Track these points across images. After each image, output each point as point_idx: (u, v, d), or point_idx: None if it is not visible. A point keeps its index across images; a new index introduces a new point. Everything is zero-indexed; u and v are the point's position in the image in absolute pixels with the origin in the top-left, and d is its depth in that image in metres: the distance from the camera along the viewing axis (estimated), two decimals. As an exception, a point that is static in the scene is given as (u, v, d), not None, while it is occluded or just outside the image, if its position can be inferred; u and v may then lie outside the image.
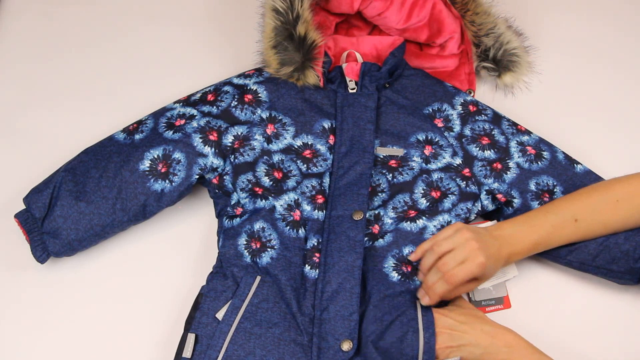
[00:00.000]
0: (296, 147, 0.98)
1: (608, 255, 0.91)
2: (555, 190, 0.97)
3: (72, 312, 0.97)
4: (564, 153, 1.00)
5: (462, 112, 1.02)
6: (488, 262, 0.83)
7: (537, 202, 0.96)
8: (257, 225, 0.93)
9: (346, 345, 0.86)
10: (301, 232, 0.93)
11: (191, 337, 0.88)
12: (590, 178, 0.98)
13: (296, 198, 0.94)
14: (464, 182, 0.97)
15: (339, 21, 1.09)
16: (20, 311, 0.97)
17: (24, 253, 0.99)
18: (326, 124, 0.99)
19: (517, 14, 1.12)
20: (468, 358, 0.85)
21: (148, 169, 0.94)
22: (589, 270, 0.94)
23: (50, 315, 0.97)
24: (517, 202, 0.96)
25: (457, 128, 1.01)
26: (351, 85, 1.01)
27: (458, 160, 0.99)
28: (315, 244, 0.92)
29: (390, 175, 0.97)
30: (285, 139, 0.98)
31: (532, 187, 0.97)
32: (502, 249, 0.87)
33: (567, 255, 0.93)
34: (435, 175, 0.97)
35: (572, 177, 0.98)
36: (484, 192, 0.98)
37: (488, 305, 0.98)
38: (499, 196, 0.97)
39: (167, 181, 0.94)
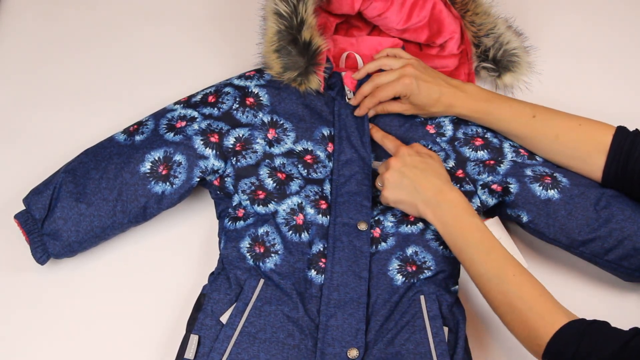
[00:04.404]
0: (297, 151, 0.98)
1: (621, 251, 0.92)
2: (555, 175, 0.96)
3: (73, 313, 0.97)
4: None
5: (454, 117, 1.02)
6: (417, 88, 0.95)
7: (538, 184, 0.95)
8: (262, 230, 0.93)
9: (353, 353, 0.87)
10: (304, 236, 0.93)
11: (194, 339, 0.88)
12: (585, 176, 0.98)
13: (300, 202, 0.94)
14: (458, 184, 0.97)
15: (339, 22, 1.09)
16: (20, 312, 0.97)
17: (24, 254, 0.99)
18: (325, 132, 1.00)
19: (517, 14, 1.12)
20: (410, 203, 0.91)
21: (149, 171, 0.94)
22: (598, 263, 0.95)
23: (51, 316, 0.97)
24: (514, 187, 0.96)
25: (449, 133, 1.01)
26: (349, 95, 1.01)
27: (451, 163, 0.99)
28: (321, 249, 0.92)
29: None
30: (286, 144, 0.98)
31: (529, 172, 0.96)
32: (446, 96, 0.97)
33: (580, 246, 0.94)
34: None
35: (568, 170, 0.98)
36: (480, 187, 0.98)
37: None
38: (494, 186, 0.97)
39: (167, 183, 0.94)
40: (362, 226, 0.93)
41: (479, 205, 0.98)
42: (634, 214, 0.92)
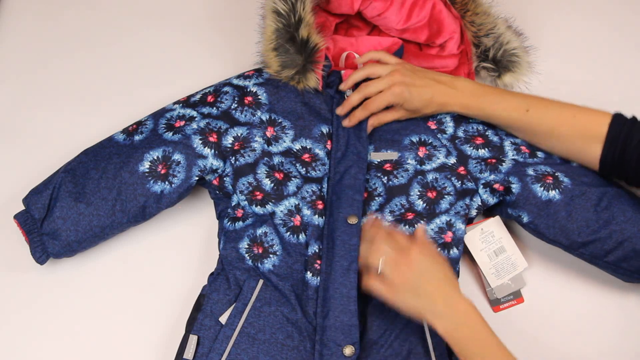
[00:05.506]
0: (295, 150, 0.98)
1: (621, 252, 0.91)
2: (557, 174, 0.96)
3: (72, 313, 0.97)
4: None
5: (456, 114, 1.02)
6: (409, 95, 0.95)
7: (539, 184, 0.95)
8: (260, 230, 0.93)
9: (348, 351, 0.86)
10: (301, 237, 0.93)
11: (193, 339, 0.88)
12: (587, 172, 0.97)
13: (297, 203, 0.94)
14: (460, 181, 0.97)
15: (339, 21, 1.09)
16: (19, 312, 0.97)
17: (24, 254, 0.99)
18: (324, 129, 0.99)
19: (517, 14, 1.12)
20: (415, 310, 0.82)
21: (148, 170, 0.94)
22: (598, 265, 0.95)
23: (50, 316, 0.97)
24: (516, 187, 0.96)
25: (450, 130, 1.01)
26: (349, 93, 1.01)
27: (452, 160, 0.99)
28: (317, 250, 0.92)
29: (386, 178, 0.97)
30: (285, 142, 0.98)
31: (531, 172, 0.96)
32: (438, 96, 0.96)
33: (580, 248, 0.94)
34: (430, 176, 0.97)
35: (570, 168, 0.97)
36: (481, 186, 0.98)
37: (506, 302, 0.99)
38: (496, 186, 0.97)
39: (166, 182, 0.94)
40: (352, 220, 0.92)
41: (480, 204, 0.98)
42: (634, 216, 0.92)
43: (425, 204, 0.96)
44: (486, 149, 0.99)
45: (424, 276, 0.82)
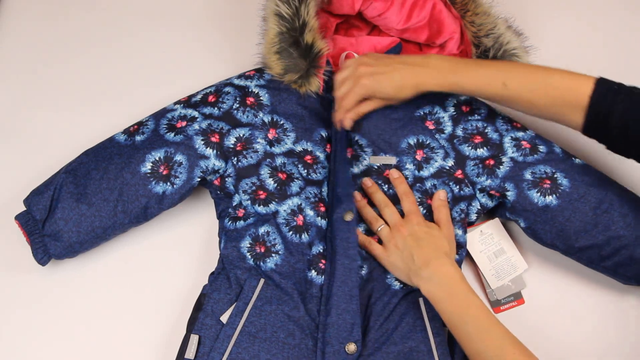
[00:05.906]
0: (297, 151, 0.98)
1: (618, 259, 0.91)
2: (556, 176, 0.95)
3: (73, 314, 0.97)
4: (561, 148, 1.00)
5: (454, 113, 1.02)
6: (377, 84, 0.94)
7: (536, 189, 0.94)
8: (262, 229, 0.93)
9: (351, 348, 0.87)
10: (304, 237, 0.93)
11: (194, 338, 0.88)
12: (589, 171, 0.97)
13: (299, 203, 0.94)
14: (458, 186, 0.97)
15: (339, 22, 1.09)
16: (21, 313, 0.97)
17: (25, 255, 0.99)
18: (323, 133, 1.00)
19: (517, 14, 1.12)
20: (403, 271, 0.90)
21: (149, 171, 0.94)
22: (596, 269, 0.95)
23: (51, 316, 0.97)
24: (511, 194, 0.95)
25: (448, 129, 1.01)
26: None
27: (450, 162, 0.99)
28: (321, 250, 0.92)
29: (386, 186, 0.97)
30: (286, 144, 0.98)
31: (528, 176, 0.95)
32: (408, 77, 0.94)
33: (577, 252, 0.94)
34: (429, 183, 0.97)
35: (571, 167, 0.96)
36: (478, 191, 0.98)
37: (507, 303, 0.99)
38: (492, 192, 0.97)
39: (168, 183, 0.94)
40: (348, 217, 0.91)
41: (479, 208, 0.98)
42: (634, 221, 0.91)
43: (425, 211, 0.96)
44: (485, 148, 0.99)
45: (415, 244, 0.89)
